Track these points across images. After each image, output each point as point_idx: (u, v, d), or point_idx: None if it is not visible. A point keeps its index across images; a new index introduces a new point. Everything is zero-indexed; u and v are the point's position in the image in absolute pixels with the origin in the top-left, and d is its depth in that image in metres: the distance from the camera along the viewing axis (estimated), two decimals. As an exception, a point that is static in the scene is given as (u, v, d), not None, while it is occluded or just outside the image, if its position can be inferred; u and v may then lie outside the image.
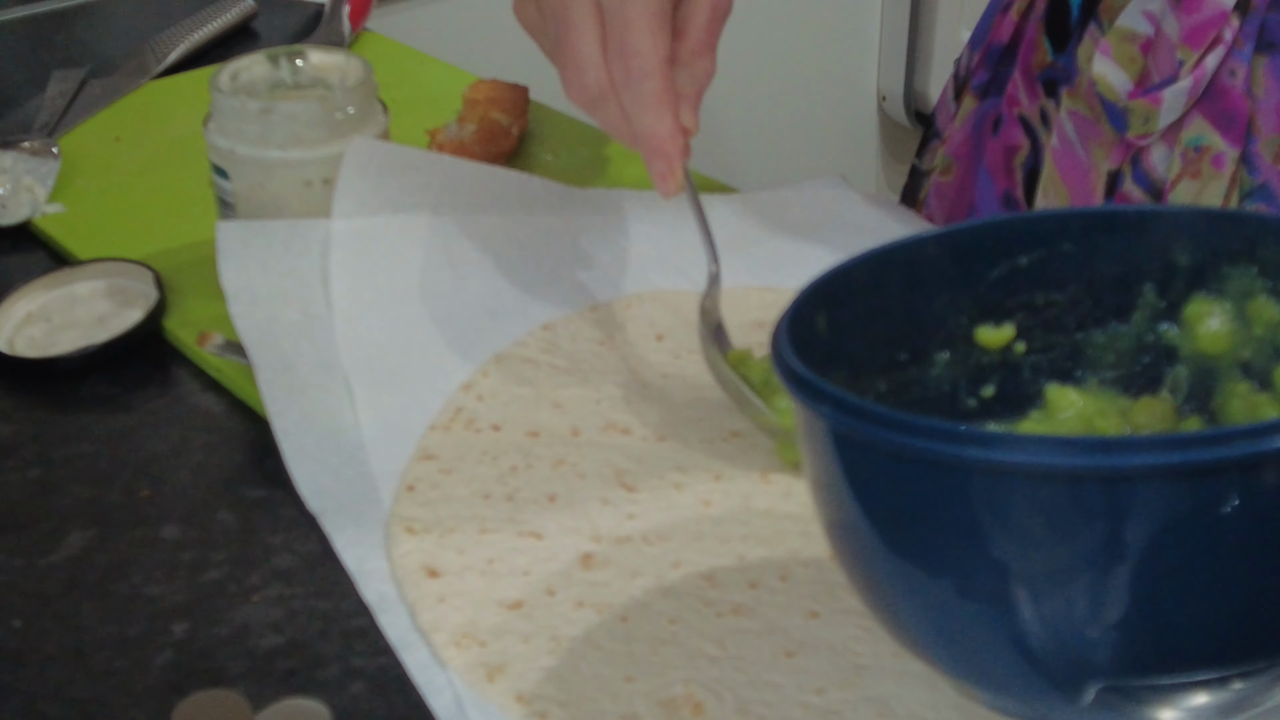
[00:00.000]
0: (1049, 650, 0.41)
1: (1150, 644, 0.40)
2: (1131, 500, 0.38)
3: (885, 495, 0.42)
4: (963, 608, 0.42)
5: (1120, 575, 0.39)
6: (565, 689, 0.51)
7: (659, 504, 0.60)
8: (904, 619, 0.45)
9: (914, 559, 0.42)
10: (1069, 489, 0.38)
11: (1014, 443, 0.39)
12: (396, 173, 0.73)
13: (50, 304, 0.75)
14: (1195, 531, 0.38)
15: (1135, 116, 0.73)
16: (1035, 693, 0.43)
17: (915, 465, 0.40)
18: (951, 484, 0.40)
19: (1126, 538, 0.38)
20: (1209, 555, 0.38)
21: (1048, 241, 0.52)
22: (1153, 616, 0.39)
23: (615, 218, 0.78)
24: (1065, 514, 0.38)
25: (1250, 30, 0.70)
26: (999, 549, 0.40)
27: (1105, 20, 0.76)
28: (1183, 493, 0.37)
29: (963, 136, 0.88)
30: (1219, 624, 0.40)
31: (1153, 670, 0.41)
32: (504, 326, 0.71)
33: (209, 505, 0.62)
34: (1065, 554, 0.39)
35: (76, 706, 0.52)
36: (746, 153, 2.03)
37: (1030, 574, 0.40)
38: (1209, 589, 0.39)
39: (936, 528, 0.41)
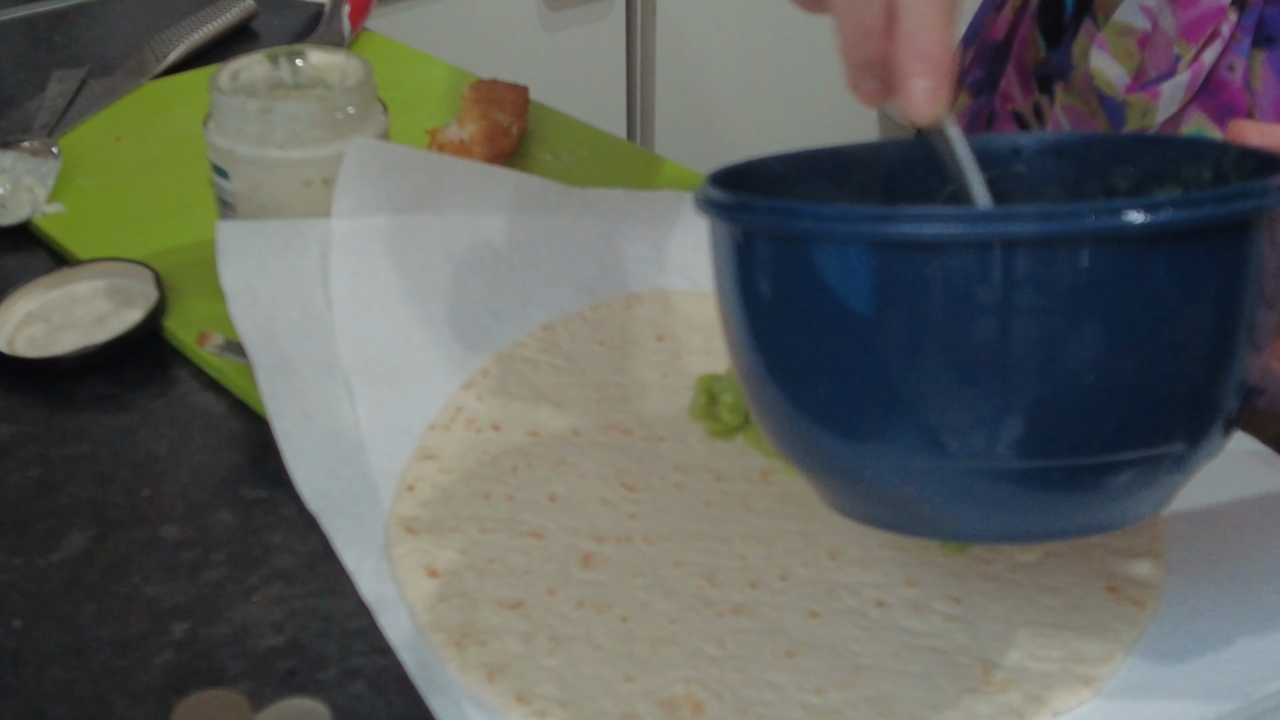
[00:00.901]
0: (943, 432, 0.42)
1: (1038, 423, 0.42)
2: (1004, 269, 0.40)
3: (784, 291, 0.44)
4: (862, 404, 0.44)
5: (998, 352, 0.41)
6: (565, 689, 0.51)
7: (659, 504, 0.60)
8: (803, 427, 0.46)
9: (818, 354, 0.44)
10: (952, 257, 0.41)
11: (912, 218, 0.41)
12: (396, 173, 0.73)
13: (50, 304, 0.75)
14: (1062, 305, 0.40)
15: (1133, 110, 0.73)
16: (943, 487, 0.44)
17: (810, 246, 0.43)
18: (848, 260, 0.42)
19: (997, 312, 0.40)
20: (1069, 327, 0.41)
21: (1001, 163, 0.55)
22: (1041, 393, 0.41)
23: (615, 218, 0.79)
24: (957, 287, 0.41)
25: (1248, 24, 0.70)
26: (888, 330, 0.42)
27: (1101, 15, 0.76)
28: (1042, 261, 0.40)
29: None
30: (1110, 398, 0.41)
31: (1048, 447, 0.42)
32: (504, 326, 0.71)
33: (209, 505, 0.62)
34: (949, 332, 0.41)
35: (76, 706, 0.52)
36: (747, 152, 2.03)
37: (918, 356, 0.42)
38: (1088, 365, 0.41)
39: (836, 314, 0.43)
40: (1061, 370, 0.41)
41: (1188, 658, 0.52)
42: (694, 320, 0.73)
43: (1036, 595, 0.55)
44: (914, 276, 0.41)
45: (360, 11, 1.09)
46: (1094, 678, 0.51)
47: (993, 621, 0.54)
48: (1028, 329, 0.41)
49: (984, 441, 0.42)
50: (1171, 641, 0.53)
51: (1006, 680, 0.51)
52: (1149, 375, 0.42)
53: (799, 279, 0.43)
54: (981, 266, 0.40)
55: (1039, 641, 0.53)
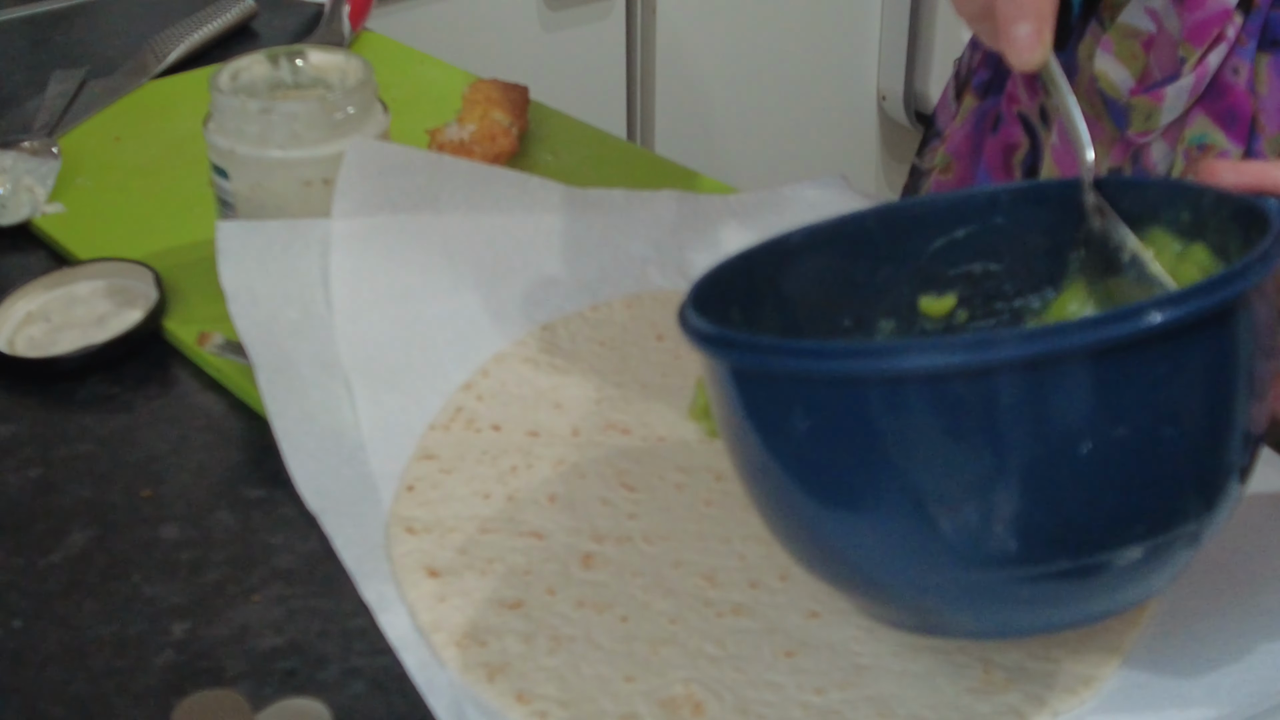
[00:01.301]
0: (948, 542, 0.43)
1: (1033, 525, 0.42)
2: (1000, 391, 0.40)
3: (789, 424, 0.44)
4: (875, 527, 0.44)
5: (1006, 466, 0.41)
6: (565, 689, 0.51)
7: (659, 504, 0.60)
8: (823, 548, 0.46)
9: (823, 487, 0.44)
10: (949, 387, 0.41)
11: (896, 351, 0.41)
12: (396, 173, 0.73)
13: (50, 304, 0.75)
14: (1062, 417, 0.41)
15: (1137, 114, 0.73)
16: (947, 590, 0.44)
17: (812, 386, 0.42)
18: (847, 398, 0.42)
19: (1001, 431, 0.41)
20: (1076, 441, 0.41)
21: (981, 216, 0.55)
22: (1033, 495, 0.42)
23: (615, 218, 0.78)
24: (955, 413, 0.41)
25: (1253, 28, 0.70)
26: (894, 458, 0.42)
27: (1107, 17, 0.75)
28: (1035, 382, 0.40)
29: (963, 135, 0.88)
30: (1092, 503, 0.42)
31: (1039, 555, 0.43)
32: (504, 326, 0.71)
33: (209, 505, 0.62)
34: (956, 454, 0.41)
35: (76, 706, 0.52)
36: (746, 153, 2.03)
37: (927, 477, 0.42)
38: (1094, 469, 0.41)
39: (842, 450, 0.43)
40: (1069, 478, 0.41)
41: (1187, 659, 0.52)
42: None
43: (1036, 595, 0.55)
44: (907, 405, 0.41)
45: (360, 11, 1.09)
46: (1094, 678, 0.51)
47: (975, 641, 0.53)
48: (1028, 444, 0.41)
49: (1000, 552, 0.42)
50: (1171, 643, 0.53)
51: (1006, 680, 0.51)
52: (1157, 467, 0.42)
53: (806, 416, 0.43)
54: (976, 392, 0.41)
55: (1039, 642, 0.52)
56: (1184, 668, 0.51)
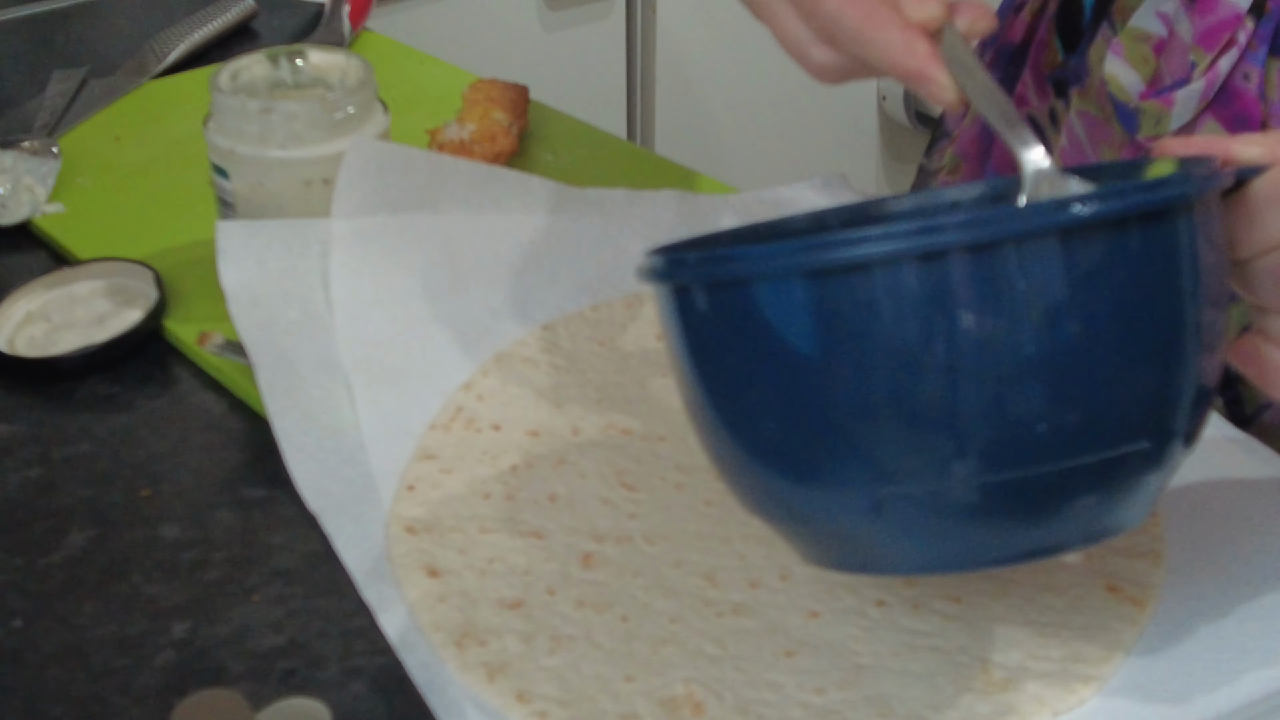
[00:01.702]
0: (882, 458, 0.43)
1: (979, 433, 0.42)
2: (931, 280, 0.41)
3: (730, 341, 0.44)
4: (810, 438, 0.44)
5: (938, 360, 0.41)
6: (565, 689, 0.51)
7: (659, 504, 0.60)
8: (756, 473, 0.46)
9: (766, 391, 0.44)
10: (905, 274, 0.41)
11: (832, 243, 0.42)
12: (396, 173, 0.73)
13: (50, 304, 0.75)
14: (1002, 306, 0.41)
15: (1147, 118, 0.73)
16: (908, 519, 0.44)
17: (742, 287, 0.43)
18: (785, 295, 0.42)
19: (937, 321, 0.41)
20: (1020, 329, 0.41)
21: (941, 215, 0.54)
22: (979, 399, 0.41)
23: (615, 218, 0.79)
24: (892, 302, 0.41)
25: (1265, 33, 0.69)
26: (838, 353, 0.42)
27: (1118, 20, 0.75)
28: (976, 267, 0.41)
29: (971, 136, 0.87)
30: (1044, 404, 0.42)
31: (1008, 458, 0.42)
32: (504, 326, 0.71)
33: (209, 505, 0.62)
34: (889, 345, 0.41)
35: (76, 706, 0.52)
36: (746, 153, 2.03)
37: (869, 373, 0.42)
38: (1036, 365, 0.41)
39: (784, 349, 0.43)
40: (1011, 374, 0.41)
41: (1188, 658, 0.52)
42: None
43: (1036, 595, 0.55)
44: (848, 300, 0.41)
45: (360, 11, 1.09)
46: (1094, 677, 0.51)
47: (993, 621, 0.54)
48: (968, 336, 0.41)
49: (944, 459, 0.42)
50: (1172, 641, 0.53)
51: (1006, 680, 0.51)
52: (1099, 370, 0.42)
53: (738, 323, 0.44)
54: (913, 281, 0.41)
55: (1039, 641, 0.53)
56: (1184, 667, 0.51)
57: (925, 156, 0.94)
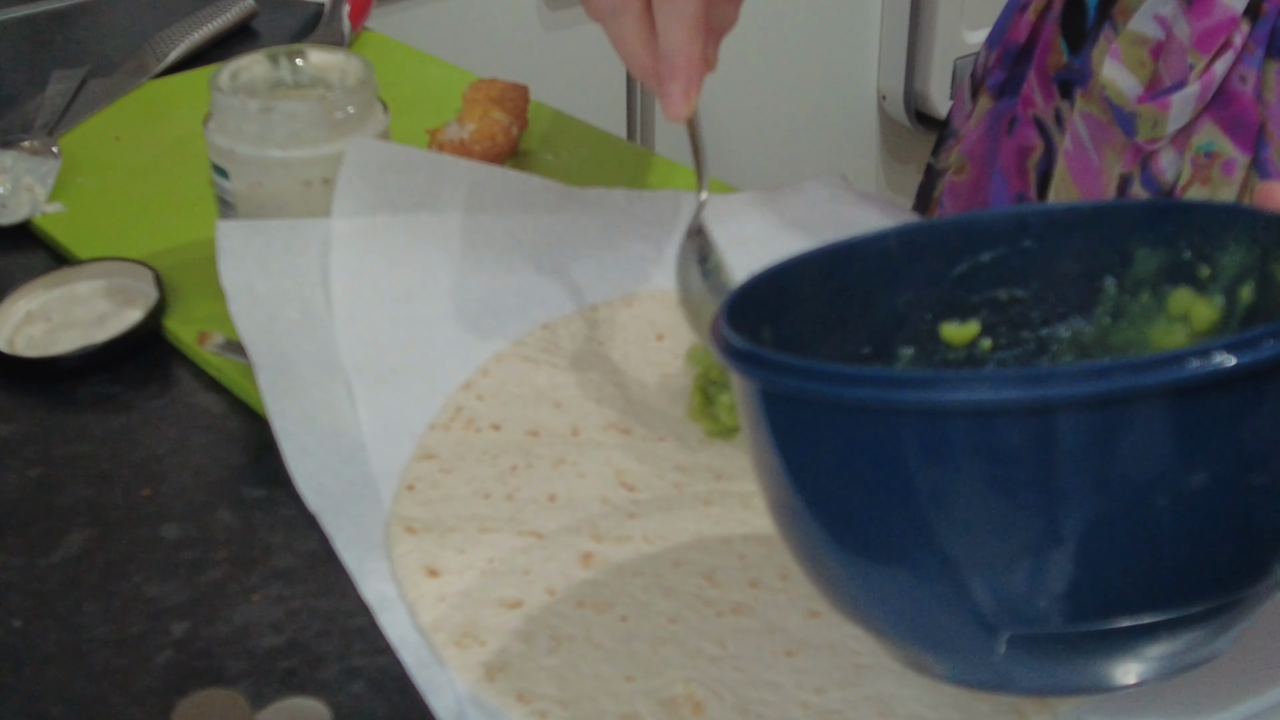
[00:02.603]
0: (992, 601, 0.40)
1: (1090, 583, 0.39)
2: (1057, 430, 0.37)
3: (818, 455, 0.41)
4: (905, 571, 0.41)
5: (1055, 512, 0.38)
6: (565, 688, 0.51)
7: (659, 504, 0.60)
8: (849, 592, 0.44)
9: (847, 528, 0.42)
10: (1001, 423, 0.37)
11: (942, 382, 0.38)
12: (396, 173, 0.73)
13: (50, 303, 0.75)
14: (1122, 462, 0.37)
15: (1144, 121, 0.73)
16: (978, 646, 0.42)
17: (843, 415, 0.39)
18: (884, 432, 0.39)
19: (1058, 473, 0.38)
20: (1141, 486, 0.38)
21: (1008, 239, 0.52)
22: (1093, 552, 0.38)
23: (615, 218, 0.79)
24: (999, 450, 0.38)
25: (1261, 36, 0.69)
26: (936, 499, 0.39)
27: (1120, 22, 0.75)
28: (1102, 422, 0.37)
29: (977, 136, 0.87)
30: (1158, 559, 0.39)
31: (1094, 614, 0.40)
32: (504, 326, 0.71)
33: (209, 505, 0.62)
34: (1002, 494, 0.38)
35: (76, 706, 0.52)
36: (746, 153, 2.03)
37: (970, 523, 0.39)
38: (1148, 524, 0.38)
39: (875, 486, 0.40)
40: (1137, 534, 0.38)
41: (1188, 657, 0.52)
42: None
43: (1037, 595, 0.54)
44: (948, 445, 0.38)
45: (360, 11, 1.10)
46: (1094, 677, 0.51)
47: None
48: (1088, 497, 0.38)
49: (1041, 618, 0.40)
50: (1172, 641, 0.53)
51: (1006, 680, 0.51)
52: (1237, 519, 0.39)
53: (833, 441, 0.41)
54: (1031, 434, 0.37)
55: (1039, 641, 0.52)
56: (1184, 667, 0.51)
57: (933, 156, 0.94)
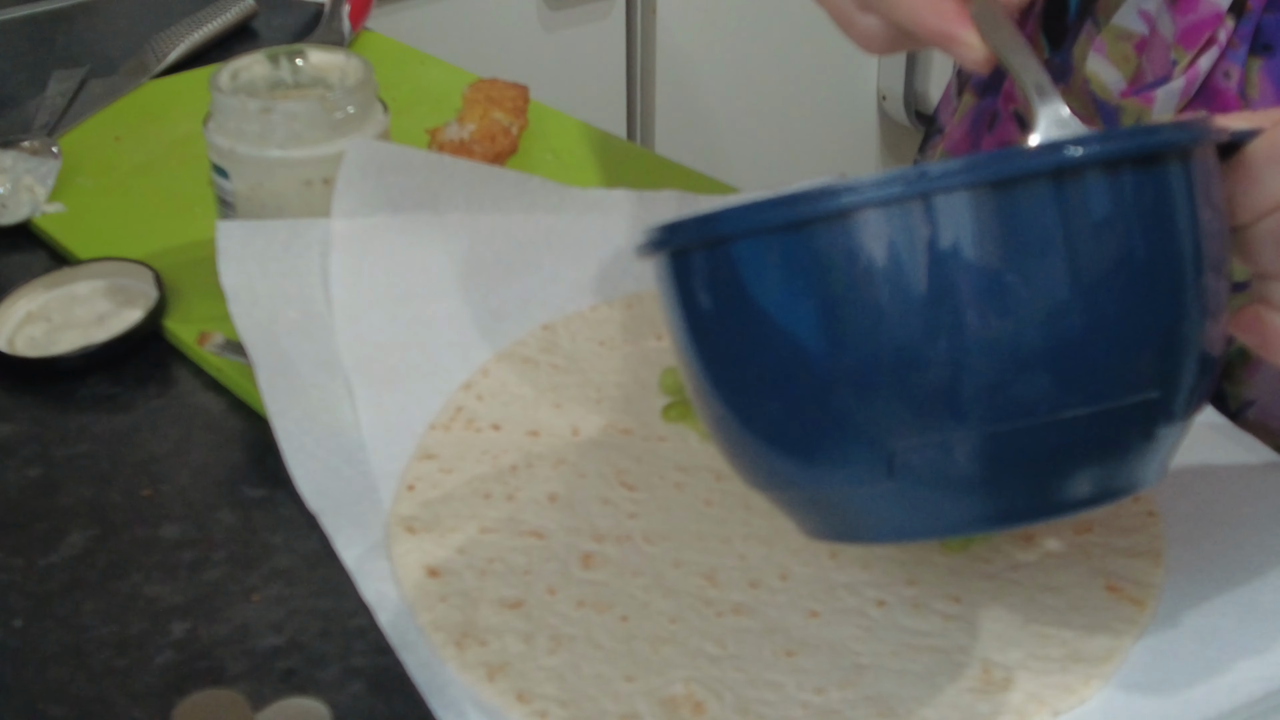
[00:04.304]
0: (909, 411, 0.42)
1: (997, 374, 0.41)
2: (923, 227, 0.41)
3: (728, 289, 0.43)
4: (796, 394, 0.43)
5: (942, 308, 0.41)
6: (565, 688, 0.51)
7: (659, 504, 0.60)
8: (752, 445, 0.45)
9: (763, 353, 0.43)
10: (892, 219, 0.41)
11: (820, 194, 0.41)
12: (396, 173, 0.73)
13: (50, 304, 0.75)
14: (1008, 246, 0.41)
15: (1127, 116, 0.73)
16: (909, 482, 0.43)
17: (750, 245, 0.42)
18: (776, 250, 0.42)
19: (949, 264, 0.41)
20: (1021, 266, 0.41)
21: None
22: (991, 341, 0.41)
23: (615, 218, 0.79)
24: (899, 247, 0.41)
25: (1245, 31, 0.69)
26: (824, 303, 0.42)
27: (1102, 18, 0.75)
28: (977, 209, 0.40)
29: (961, 133, 0.88)
30: (1056, 343, 0.41)
31: (1008, 409, 0.42)
32: (504, 326, 0.71)
33: (209, 505, 0.62)
34: (904, 288, 0.41)
35: (76, 706, 0.52)
36: (746, 153, 2.03)
37: (875, 333, 0.42)
38: (1037, 306, 0.41)
39: (766, 313, 0.43)
40: (1010, 320, 0.41)
41: (1188, 658, 0.52)
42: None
43: (1036, 595, 0.55)
44: (842, 252, 0.41)
45: (360, 11, 1.10)
46: (1094, 677, 0.51)
47: (993, 621, 0.54)
48: (964, 283, 0.41)
49: (947, 411, 0.42)
50: (1171, 641, 0.53)
51: (1006, 680, 0.51)
52: (1100, 315, 0.42)
53: (730, 283, 0.43)
54: (906, 229, 0.41)
55: (1039, 641, 0.53)
56: (1184, 667, 0.51)
57: (920, 153, 0.94)
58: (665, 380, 0.67)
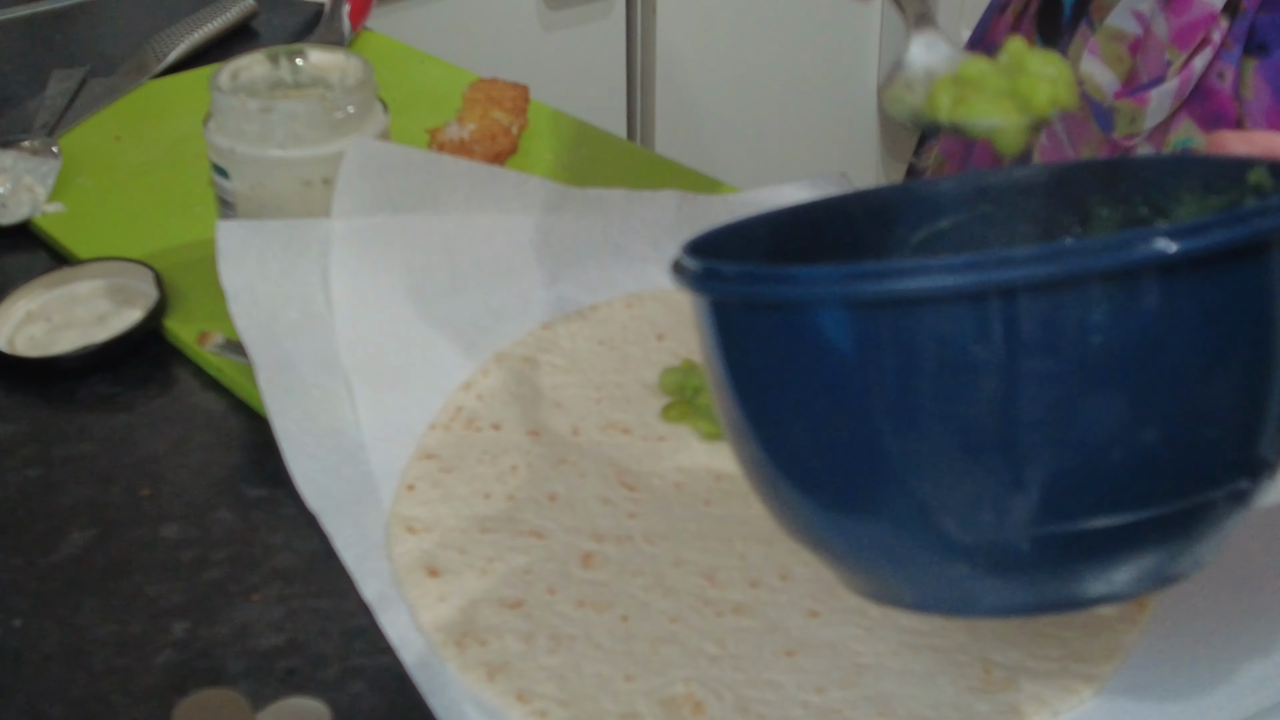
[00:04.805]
0: (949, 507, 0.39)
1: (1047, 481, 0.38)
2: (1018, 315, 0.36)
3: (765, 366, 0.40)
4: (857, 484, 0.40)
5: (1008, 405, 0.37)
6: (565, 688, 0.51)
7: (659, 504, 0.60)
8: (803, 515, 0.43)
9: (802, 444, 0.40)
10: (965, 311, 0.36)
11: (897, 272, 0.37)
12: (396, 173, 0.73)
13: (50, 303, 0.75)
14: (1074, 346, 0.37)
15: (1121, 117, 0.73)
16: (936, 560, 0.40)
17: (792, 314, 0.39)
18: (829, 329, 0.38)
19: (1025, 357, 0.37)
20: (1097, 372, 0.37)
21: (967, 204, 0.52)
22: (1066, 443, 0.37)
23: (615, 218, 0.78)
24: (948, 340, 0.37)
25: (1239, 32, 0.69)
26: (885, 399, 0.38)
27: (1096, 19, 0.75)
28: (1059, 305, 0.36)
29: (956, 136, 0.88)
30: (1137, 447, 0.38)
31: (1074, 510, 0.38)
32: (504, 326, 0.71)
33: (209, 505, 0.62)
34: (951, 387, 0.37)
35: (76, 706, 0.52)
36: (746, 152, 2.03)
37: (921, 423, 0.38)
38: (1103, 414, 0.37)
39: (819, 391, 0.39)
40: (1090, 429, 0.37)
41: (1188, 658, 0.52)
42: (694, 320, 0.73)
43: (1036, 595, 0.55)
44: (903, 337, 0.37)
45: (360, 11, 1.09)
46: (1094, 677, 0.51)
47: (993, 621, 0.54)
48: (1040, 387, 0.37)
49: (1006, 510, 0.38)
50: (1171, 641, 0.53)
51: (1006, 679, 0.51)
52: (1202, 412, 0.38)
53: (781, 347, 0.40)
54: (978, 321, 0.37)
55: (1039, 641, 0.53)
56: (1184, 667, 0.51)
57: (914, 156, 0.94)
58: (665, 380, 0.67)
